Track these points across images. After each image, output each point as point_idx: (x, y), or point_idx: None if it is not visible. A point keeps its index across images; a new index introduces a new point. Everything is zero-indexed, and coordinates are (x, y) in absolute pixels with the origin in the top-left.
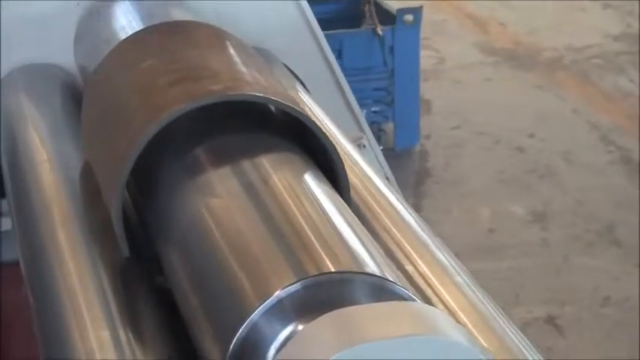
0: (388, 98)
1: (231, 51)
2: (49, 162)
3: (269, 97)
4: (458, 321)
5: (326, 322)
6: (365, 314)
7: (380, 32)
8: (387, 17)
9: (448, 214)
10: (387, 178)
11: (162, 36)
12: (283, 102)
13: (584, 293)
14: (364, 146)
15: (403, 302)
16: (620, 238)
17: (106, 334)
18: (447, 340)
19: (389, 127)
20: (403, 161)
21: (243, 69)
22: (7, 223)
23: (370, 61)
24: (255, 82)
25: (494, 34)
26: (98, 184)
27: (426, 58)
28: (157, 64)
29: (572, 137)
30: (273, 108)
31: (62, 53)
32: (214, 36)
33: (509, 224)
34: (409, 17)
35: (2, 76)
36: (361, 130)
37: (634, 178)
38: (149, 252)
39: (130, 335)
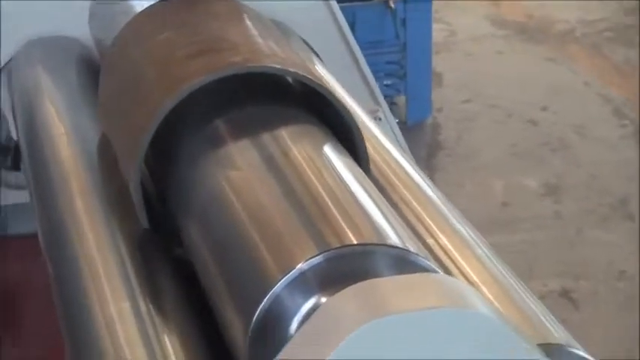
0: (400, 71)
1: (250, 23)
2: (66, 135)
3: (288, 68)
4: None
5: (350, 294)
6: (390, 286)
7: (392, 5)
8: None
9: (461, 188)
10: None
11: (180, 8)
12: (302, 73)
13: (599, 267)
14: (380, 119)
15: (428, 274)
16: (633, 211)
17: (126, 305)
18: (473, 312)
19: (401, 100)
20: (415, 134)
21: (262, 41)
22: (14, 197)
23: (382, 34)
24: (273, 54)
25: (506, 7)
26: (115, 157)
27: (437, 31)
28: (176, 36)
29: (584, 110)
30: (290, 80)
31: (78, 25)
32: (232, 8)
33: (522, 197)
34: None
35: (17, 48)
36: (377, 102)
37: None
38: (167, 223)
39: (150, 306)
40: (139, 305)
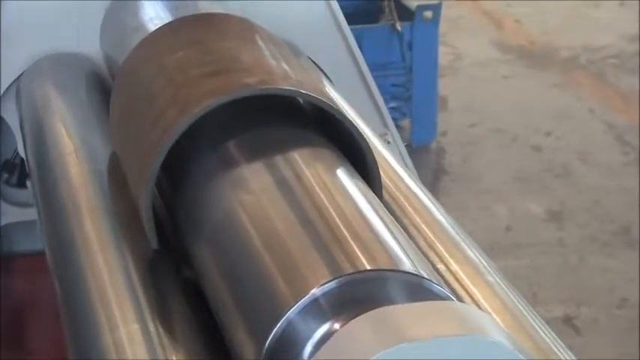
0: (406, 94)
1: (263, 44)
2: (76, 153)
3: (303, 91)
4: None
5: (367, 320)
6: (406, 313)
7: (399, 28)
8: (406, 13)
9: (465, 212)
10: None
11: (194, 28)
12: (317, 96)
13: (601, 294)
14: (388, 142)
15: (443, 302)
16: (635, 239)
17: (135, 327)
18: (489, 340)
19: (405, 123)
20: (420, 158)
21: (276, 62)
22: (18, 214)
23: (388, 56)
24: (288, 76)
25: (510, 32)
26: (125, 175)
27: (442, 55)
28: (189, 55)
29: (588, 137)
30: (302, 101)
31: (88, 42)
32: (245, 28)
33: (525, 223)
34: (428, 13)
35: (27, 66)
36: (385, 125)
37: None
38: (176, 244)
39: (160, 328)
40: (148, 327)
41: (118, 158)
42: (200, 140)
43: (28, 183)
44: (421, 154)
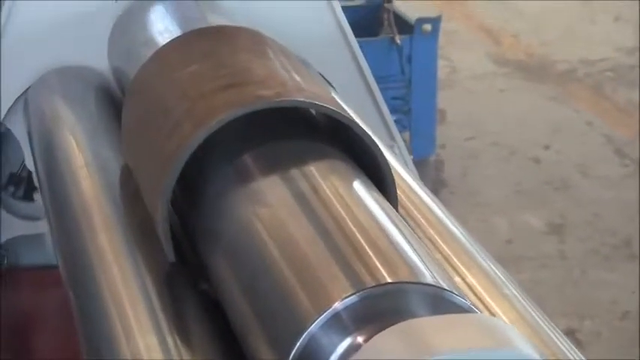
0: (405, 107)
1: (275, 56)
2: (87, 167)
3: (319, 103)
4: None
5: (395, 333)
6: (434, 326)
7: (398, 41)
8: (405, 26)
9: (465, 225)
10: None
11: (206, 41)
12: (334, 109)
13: (603, 307)
14: (395, 154)
15: (470, 314)
16: (637, 252)
17: (153, 339)
18: (518, 352)
19: (405, 136)
20: (419, 171)
21: (289, 75)
22: (24, 227)
23: (388, 69)
24: (303, 89)
25: (507, 45)
26: (138, 189)
27: (439, 68)
28: (203, 69)
29: (586, 150)
30: (314, 113)
31: (95, 56)
32: (256, 41)
33: (526, 236)
34: (427, 27)
35: (36, 79)
36: (392, 138)
37: None
38: (192, 257)
39: (178, 341)
40: (165, 338)
41: (131, 171)
42: (214, 153)
43: (36, 196)
44: (420, 167)
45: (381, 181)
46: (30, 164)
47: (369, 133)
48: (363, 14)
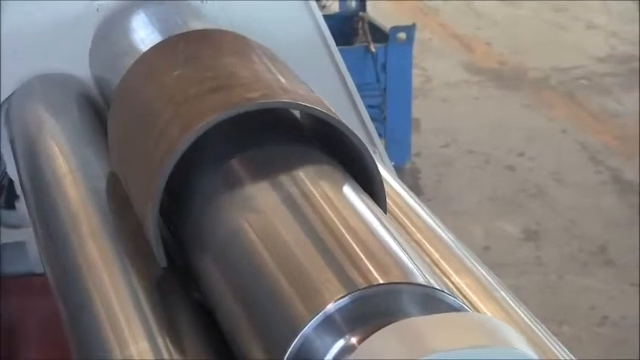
0: (381, 116)
1: (261, 59)
2: (72, 174)
3: (307, 104)
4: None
5: (390, 333)
6: (429, 325)
7: (373, 49)
8: (380, 35)
9: None
10: None
11: (190, 44)
12: (323, 110)
13: (582, 312)
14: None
15: (466, 313)
16: (613, 257)
17: (145, 345)
18: (519, 352)
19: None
20: None
21: (275, 77)
22: (5, 235)
23: (363, 78)
24: (289, 90)
25: (480, 54)
26: (125, 195)
27: (413, 77)
28: (189, 72)
29: (561, 157)
30: (299, 116)
31: (76, 63)
32: (241, 44)
33: (503, 243)
34: (402, 35)
35: (17, 87)
36: (373, 144)
37: (624, 198)
38: (181, 263)
39: (170, 346)
40: (158, 344)
41: (116, 177)
42: (203, 158)
43: (17, 204)
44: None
45: (370, 183)
46: (12, 172)
47: (357, 135)
48: (337, 23)
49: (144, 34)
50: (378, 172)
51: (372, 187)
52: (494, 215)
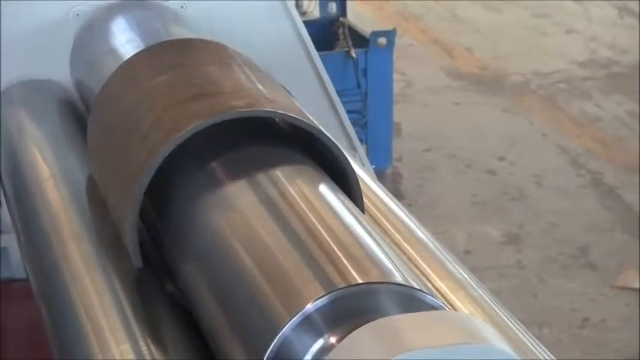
0: (362, 121)
1: (242, 69)
2: (53, 178)
3: (291, 114)
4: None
5: (369, 332)
6: (407, 323)
7: (354, 55)
8: (360, 40)
9: None
10: None
11: (173, 53)
12: (304, 120)
13: (562, 315)
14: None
15: (444, 311)
16: (594, 260)
17: (126, 347)
18: (497, 349)
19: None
20: None
21: (256, 86)
22: None
23: (344, 83)
24: (272, 100)
25: (461, 59)
26: (104, 199)
27: (394, 82)
28: (173, 79)
29: (542, 160)
30: (279, 121)
31: (56, 69)
32: (223, 54)
33: (484, 246)
34: (382, 40)
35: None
36: (353, 148)
37: (605, 201)
38: (161, 265)
39: (152, 346)
40: (139, 345)
41: (95, 181)
42: (182, 162)
43: None
44: (377, 179)
45: (347, 186)
46: None
47: (335, 141)
48: (317, 29)
49: (124, 39)
50: (355, 174)
51: (349, 188)
52: (475, 219)
